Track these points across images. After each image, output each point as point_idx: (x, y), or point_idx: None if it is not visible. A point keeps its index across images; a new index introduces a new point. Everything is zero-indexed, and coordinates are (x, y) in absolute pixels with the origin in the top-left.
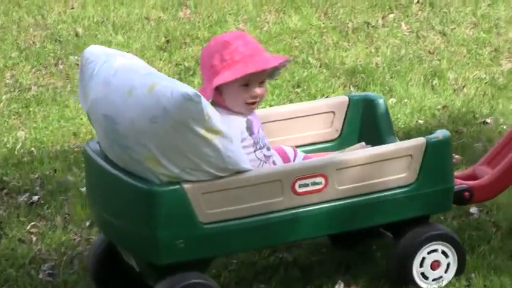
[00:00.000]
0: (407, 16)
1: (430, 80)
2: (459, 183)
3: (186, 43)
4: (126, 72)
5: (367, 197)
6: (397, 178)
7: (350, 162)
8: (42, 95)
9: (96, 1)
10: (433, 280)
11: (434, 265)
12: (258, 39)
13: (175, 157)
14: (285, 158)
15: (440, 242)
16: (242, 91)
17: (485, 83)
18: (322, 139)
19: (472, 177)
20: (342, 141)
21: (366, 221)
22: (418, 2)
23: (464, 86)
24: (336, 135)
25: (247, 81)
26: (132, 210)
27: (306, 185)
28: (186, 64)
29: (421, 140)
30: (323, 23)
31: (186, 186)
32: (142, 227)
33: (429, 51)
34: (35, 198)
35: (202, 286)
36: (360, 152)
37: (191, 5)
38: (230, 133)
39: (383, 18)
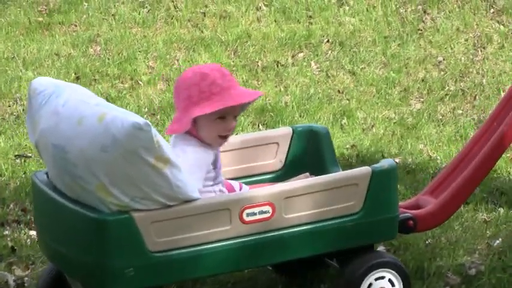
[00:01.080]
0: (317, 55)
1: (339, 119)
2: (403, 212)
3: (95, 80)
4: (76, 102)
5: (314, 226)
6: (343, 207)
7: (297, 191)
8: None
9: (7, 37)
10: None
11: None
12: (168, 77)
13: (125, 186)
14: (231, 191)
15: (386, 270)
16: (218, 124)
17: (394, 122)
18: (266, 170)
19: (416, 206)
20: (286, 172)
21: (312, 249)
22: (328, 41)
23: (373, 126)
24: (280, 165)
25: (224, 114)
26: (81, 239)
27: (254, 214)
28: None
29: (366, 169)
30: (232, 61)
31: (135, 215)
32: (91, 255)
33: (338, 91)
34: None
35: None
36: (307, 181)
37: (101, 42)
38: (183, 161)
39: (293, 57)
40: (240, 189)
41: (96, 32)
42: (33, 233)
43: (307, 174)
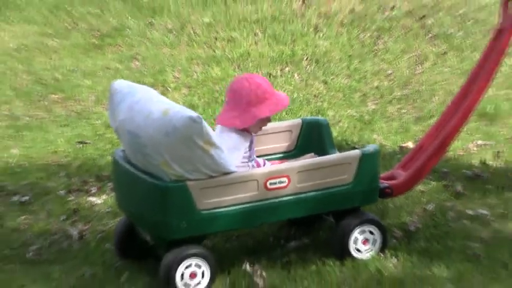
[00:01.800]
0: (299, 69)
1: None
2: (382, 183)
3: None
4: (146, 100)
5: (317, 192)
6: (339, 179)
7: (306, 167)
8: (30, 123)
9: (71, 55)
10: (365, 252)
11: (365, 242)
12: (189, 84)
13: (182, 162)
14: (259, 167)
15: (369, 225)
16: (264, 120)
17: (356, 119)
18: (283, 150)
19: (391, 178)
20: (297, 152)
21: (316, 209)
22: (307, 59)
23: (340, 121)
24: (293, 147)
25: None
26: (148, 200)
27: (275, 183)
28: None
29: (358, 152)
30: (237, 73)
31: (189, 183)
32: (156, 212)
33: (314, 95)
34: (25, 198)
35: (198, 255)
36: (313, 160)
37: (140, 59)
38: (225, 145)
39: (281, 70)
40: (264, 165)
41: (136, 51)
42: (90, 199)
43: (312, 154)
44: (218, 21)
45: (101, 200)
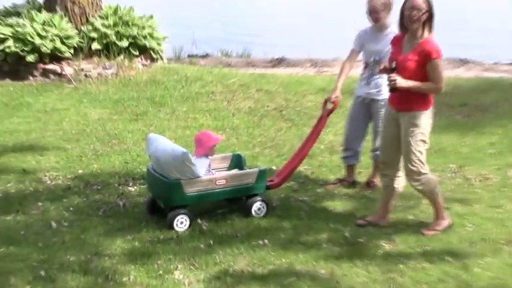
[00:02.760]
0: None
1: None
2: (268, 182)
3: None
4: (161, 142)
5: (239, 187)
6: (248, 181)
7: (234, 175)
8: (102, 153)
9: (122, 122)
10: (259, 213)
11: (259, 210)
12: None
13: (178, 172)
14: (212, 175)
15: (261, 201)
16: (212, 147)
17: (251, 156)
18: (223, 167)
19: (271, 180)
20: (229, 168)
21: (238, 194)
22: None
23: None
24: (227, 166)
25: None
26: (163, 188)
27: (220, 182)
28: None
29: (256, 169)
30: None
31: (181, 181)
32: (166, 193)
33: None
34: (99, 187)
35: (184, 213)
36: (236, 172)
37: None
38: (197, 164)
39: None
40: (214, 174)
41: (151, 123)
42: (129, 188)
43: (236, 169)
44: None
45: (133, 188)
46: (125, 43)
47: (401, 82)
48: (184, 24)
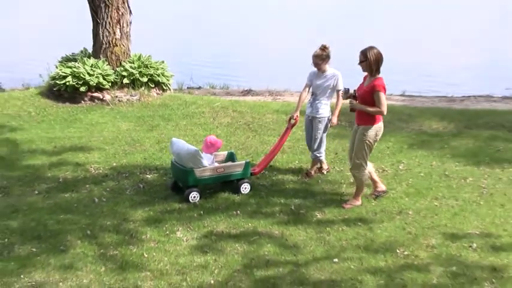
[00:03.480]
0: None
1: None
2: (252, 170)
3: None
4: (180, 143)
5: (232, 173)
6: (238, 169)
7: (229, 166)
8: (130, 152)
9: (144, 131)
10: (245, 191)
11: (244, 188)
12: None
13: (192, 163)
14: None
15: (247, 183)
16: (216, 149)
17: (243, 154)
18: (221, 160)
19: (254, 168)
20: (225, 161)
21: (231, 178)
22: None
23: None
24: (225, 160)
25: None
26: (182, 174)
27: (220, 169)
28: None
29: (244, 161)
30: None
31: (194, 169)
32: (184, 177)
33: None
34: (126, 174)
35: (196, 190)
36: (231, 163)
37: (164, 135)
38: (205, 158)
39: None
40: (216, 165)
41: (162, 132)
42: (147, 176)
43: (230, 162)
44: None
45: (150, 176)
46: (145, 79)
47: (356, 105)
48: (185, 67)
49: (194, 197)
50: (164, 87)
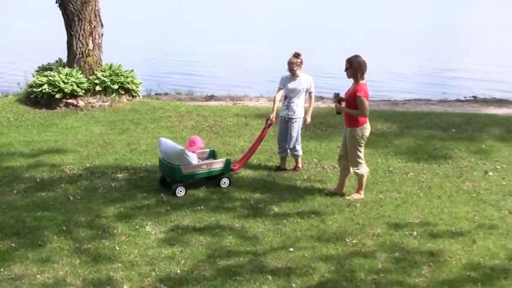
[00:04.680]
0: None
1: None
2: (232, 166)
3: None
4: (167, 143)
5: (214, 170)
6: (220, 166)
7: (211, 163)
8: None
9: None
10: (224, 185)
11: (224, 182)
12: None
13: (179, 160)
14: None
15: (226, 178)
16: (198, 148)
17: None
18: (204, 157)
19: (234, 164)
20: (207, 159)
21: (213, 173)
22: None
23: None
24: (207, 157)
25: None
26: (170, 170)
27: (204, 166)
28: None
29: (225, 159)
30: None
31: (181, 166)
32: (172, 173)
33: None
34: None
35: (182, 185)
36: (213, 160)
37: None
38: (190, 156)
39: None
40: (200, 162)
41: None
42: (118, 175)
43: (212, 159)
44: None
45: (121, 175)
46: (116, 86)
47: (341, 108)
48: (153, 74)
49: (180, 191)
50: (134, 93)
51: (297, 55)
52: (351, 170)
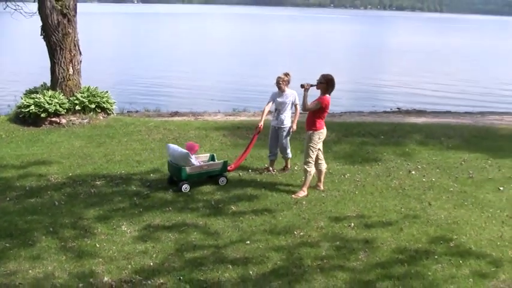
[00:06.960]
0: None
1: None
2: (228, 168)
3: None
4: (174, 147)
5: (213, 170)
6: (218, 167)
7: (211, 164)
8: (124, 159)
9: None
10: (222, 183)
11: (222, 181)
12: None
13: (183, 162)
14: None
15: (223, 177)
16: (195, 151)
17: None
18: (205, 160)
19: (229, 165)
20: (208, 161)
21: (212, 173)
22: None
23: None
24: (207, 160)
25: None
26: (176, 170)
27: (205, 167)
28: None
29: (222, 161)
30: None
31: (186, 167)
32: (178, 173)
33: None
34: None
35: (187, 183)
36: (212, 162)
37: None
38: (193, 158)
39: None
40: (200, 164)
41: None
42: (97, 182)
43: (211, 161)
44: None
45: (99, 182)
46: (93, 106)
47: (305, 90)
48: (125, 95)
49: (186, 187)
50: (108, 111)
51: (286, 74)
52: (303, 166)
